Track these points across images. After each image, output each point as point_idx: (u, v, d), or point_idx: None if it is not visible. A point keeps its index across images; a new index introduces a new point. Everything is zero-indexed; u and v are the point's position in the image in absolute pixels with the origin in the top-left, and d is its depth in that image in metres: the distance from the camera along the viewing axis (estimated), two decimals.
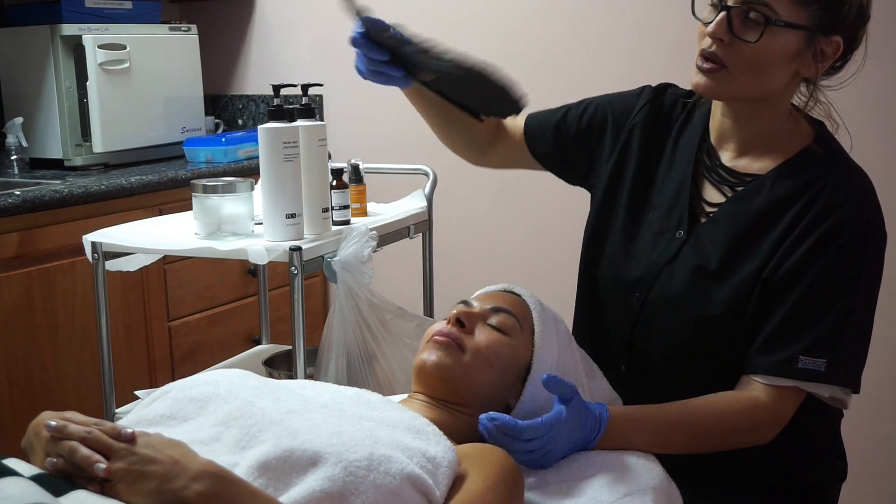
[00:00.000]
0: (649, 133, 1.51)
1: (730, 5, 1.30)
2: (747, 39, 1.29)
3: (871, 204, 1.35)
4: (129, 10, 2.91)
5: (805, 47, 1.31)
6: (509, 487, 1.12)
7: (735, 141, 1.42)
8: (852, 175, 1.37)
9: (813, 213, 1.32)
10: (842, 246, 1.30)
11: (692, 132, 1.48)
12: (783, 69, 1.33)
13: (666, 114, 1.52)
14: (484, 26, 2.87)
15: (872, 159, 1.57)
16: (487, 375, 1.27)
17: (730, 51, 1.31)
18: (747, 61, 1.31)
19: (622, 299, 1.46)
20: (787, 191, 1.35)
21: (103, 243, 1.72)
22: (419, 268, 2.06)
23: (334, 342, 1.64)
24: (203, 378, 1.17)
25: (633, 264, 1.46)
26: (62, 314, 2.36)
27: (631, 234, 1.48)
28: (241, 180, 1.72)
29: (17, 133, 2.72)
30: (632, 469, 1.25)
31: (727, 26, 1.30)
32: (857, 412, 1.49)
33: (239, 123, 3.40)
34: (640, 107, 1.53)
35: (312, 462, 0.99)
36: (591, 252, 1.54)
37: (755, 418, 1.32)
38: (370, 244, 1.65)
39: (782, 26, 1.28)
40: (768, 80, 1.33)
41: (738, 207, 1.38)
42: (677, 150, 1.48)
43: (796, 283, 1.31)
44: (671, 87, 1.56)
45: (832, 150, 1.39)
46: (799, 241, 1.31)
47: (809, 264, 1.30)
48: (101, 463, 0.90)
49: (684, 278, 1.39)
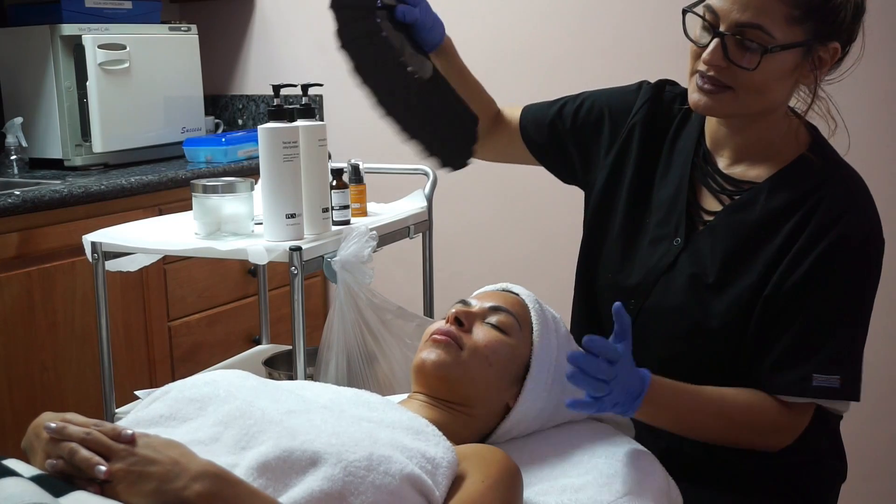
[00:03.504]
0: (649, 133, 1.49)
1: (723, 32, 1.27)
2: (745, 66, 1.27)
3: (869, 212, 1.34)
4: (129, 10, 2.91)
5: (802, 60, 1.30)
6: (508, 487, 1.12)
7: (730, 148, 1.41)
8: (849, 183, 1.35)
9: (813, 226, 1.30)
10: (846, 262, 1.29)
11: (689, 135, 1.47)
12: (783, 84, 1.32)
13: (664, 114, 1.50)
14: (484, 27, 2.87)
15: (871, 158, 1.56)
16: (486, 374, 1.27)
17: (728, 74, 1.29)
18: (749, 84, 1.29)
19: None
20: (783, 202, 1.34)
21: (103, 243, 1.72)
22: (419, 268, 2.06)
23: (334, 342, 1.64)
24: (202, 378, 1.17)
25: (630, 271, 1.45)
26: (62, 314, 2.36)
27: (628, 238, 1.47)
28: (241, 180, 1.72)
29: (17, 133, 2.72)
30: (631, 469, 1.25)
31: (723, 53, 1.28)
32: (857, 413, 1.49)
33: (239, 123, 3.40)
34: (640, 105, 1.51)
35: (312, 462, 0.99)
36: (588, 255, 1.53)
37: (778, 422, 1.31)
38: (370, 244, 1.65)
39: (779, 51, 1.26)
40: (770, 97, 1.32)
41: (735, 217, 1.37)
42: (674, 152, 1.47)
43: (803, 302, 1.29)
44: (669, 85, 1.53)
45: (827, 157, 1.37)
46: (801, 257, 1.30)
47: (815, 281, 1.29)
48: (102, 465, 0.90)
49: (681, 288, 1.38)
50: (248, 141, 2.94)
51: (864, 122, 2.29)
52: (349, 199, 1.78)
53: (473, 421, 1.28)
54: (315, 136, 1.66)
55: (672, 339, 1.39)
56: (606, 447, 1.32)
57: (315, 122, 1.67)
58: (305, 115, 1.67)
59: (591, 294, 1.53)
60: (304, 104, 1.68)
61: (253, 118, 3.37)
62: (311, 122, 1.66)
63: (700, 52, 1.31)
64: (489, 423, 1.31)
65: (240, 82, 3.39)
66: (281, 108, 1.62)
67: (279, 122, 1.61)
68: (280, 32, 3.25)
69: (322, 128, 1.68)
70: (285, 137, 1.60)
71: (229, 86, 3.41)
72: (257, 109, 3.36)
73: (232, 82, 3.40)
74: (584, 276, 1.54)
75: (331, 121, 3.01)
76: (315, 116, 1.69)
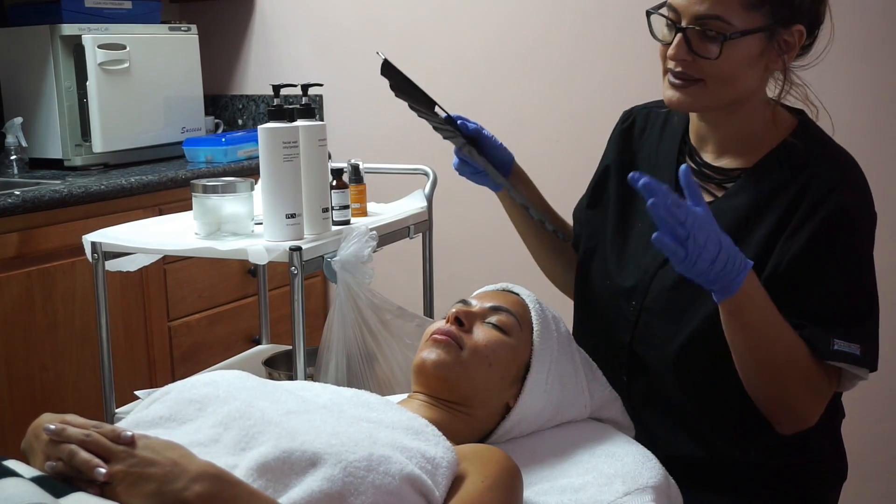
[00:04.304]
0: (622, 153, 1.54)
1: (684, 26, 1.31)
2: (708, 56, 1.30)
3: (861, 185, 1.36)
4: (129, 10, 2.91)
5: (768, 45, 1.32)
6: (508, 487, 1.12)
7: (713, 142, 1.43)
8: (837, 159, 1.37)
9: (806, 203, 1.31)
10: (846, 234, 1.30)
11: (671, 137, 1.49)
12: (752, 71, 1.34)
13: (640, 130, 1.55)
14: (484, 27, 2.87)
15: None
16: (486, 374, 1.27)
17: (696, 66, 1.32)
18: (717, 73, 1.31)
19: (619, 309, 1.46)
20: (773, 184, 1.35)
21: (103, 243, 1.72)
22: (419, 268, 2.06)
23: (334, 342, 1.64)
24: (202, 379, 1.17)
25: (627, 273, 1.46)
26: (62, 314, 2.36)
27: (621, 244, 1.49)
28: (241, 180, 1.72)
29: (17, 133, 2.72)
30: (631, 468, 1.25)
31: (686, 47, 1.31)
32: (857, 413, 1.49)
33: (239, 123, 3.40)
34: (615, 140, 1.57)
35: (311, 463, 0.99)
36: (585, 269, 1.55)
37: (818, 381, 1.29)
38: (370, 244, 1.65)
39: (739, 37, 1.29)
40: (740, 85, 1.34)
41: (725, 205, 1.38)
42: (659, 156, 1.49)
43: (808, 279, 1.29)
44: (635, 108, 1.59)
45: (814, 137, 1.39)
46: (798, 234, 1.30)
47: (816, 258, 1.29)
48: (101, 467, 0.90)
49: (677, 280, 1.38)
50: (248, 141, 2.94)
51: (866, 122, 2.29)
52: (349, 199, 1.78)
53: (473, 421, 1.28)
54: (315, 136, 1.66)
55: (675, 333, 1.39)
56: (606, 447, 1.32)
57: (315, 122, 1.67)
58: (305, 115, 1.67)
59: (591, 306, 1.53)
60: (304, 104, 1.68)
61: (253, 118, 3.37)
62: (311, 122, 1.66)
63: (667, 49, 1.34)
64: (489, 423, 1.31)
65: (240, 82, 3.39)
66: (281, 108, 1.62)
67: (279, 122, 1.61)
68: (280, 32, 3.25)
69: (322, 128, 1.68)
70: (285, 137, 1.60)
71: (229, 86, 3.41)
72: (257, 109, 3.36)
73: (232, 82, 3.40)
74: (583, 288, 1.56)
75: (331, 121, 3.01)
76: (315, 116, 1.69)
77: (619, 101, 1.70)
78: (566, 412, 1.36)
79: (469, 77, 2.89)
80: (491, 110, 2.84)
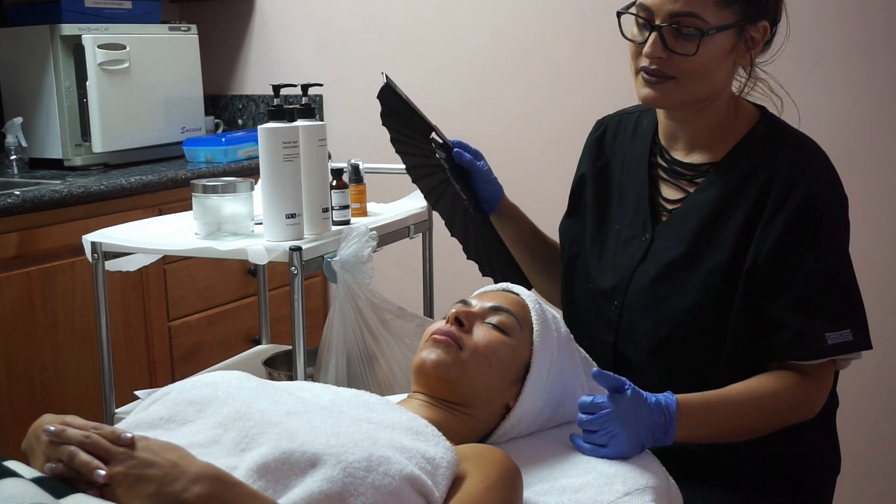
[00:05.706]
0: (596, 160, 1.58)
1: (659, 24, 1.33)
2: (685, 53, 1.33)
3: (827, 168, 1.39)
4: (129, 9, 2.91)
5: (737, 41, 1.36)
6: (508, 487, 1.12)
7: (683, 140, 1.46)
8: (802, 146, 1.40)
9: (775, 194, 1.34)
10: (818, 220, 1.33)
11: (642, 139, 1.52)
12: (723, 66, 1.37)
13: (612, 137, 1.58)
14: (485, 26, 2.87)
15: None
16: (486, 374, 1.27)
17: (670, 64, 1.35)
18: (691, 70, 1.34)
19: (601, 311, 1.49)
20: (741, 175, 1.38)
21: (103, 243, 1.72)
22: (419, 268, 2.06)
23: (334, 342, 1.65)
24: (202, 380, 1.17)
25: (607, 275, 1.49)
26: (62, 314, 2.36)
27: (600, 247, 1.52)
28: (241, 180, 1.72)
29: (17, 133, 2.72)
30: (631, 468, 1.25)
31: (662, 45, 1.34)
32: (856, 412, 1.49)
33: (239, 123, 3.40)
34: (589, 149, 1.61)
35: (311, 464, 0.99)
36: (569, 275, 1.58)
37: (807, 393, 1.34)
38: (370, 244, 1.65)
39: (714, 33, 1.32)
40: (712, 81, 1.37)
41: (697, 200, 1.41)
42: (632, 159, 1.52)
43: (788, 267, 1.32)
44: (607, 117, 1.62)
45: (777, 127, 1.43)
46: (772, 224, 1.34)
47: (792, 245, 1.32)
48: (101, 469, 0.89)
49: (655, 276, 1.42)
50: (248, 141, 2.94)
51: (867, 121, 2.29)
52: (349, 199, 1.78)
53: (473, 421, 1.28)
54: (315, 136, 1.66)
55: (655, 327, 1.41)
56: None
57: (315, 122, 1.67)
58: (305, 115, 1.67)
59: (576, 310, 1.57)
60: (304, 104, 1.68)
61: (253, 118, 3.37)
62: (311, 122, 1.66)
63: (639, 49, 1.37)
64: (489, 424, 1.31)
65: (240, 82, 3.39)
66: (281, 108, 1.62)
67: (279, 122, 1.61)
68: (280, 32, 3.25)
69: (322, 128, 1.68)
70: (285, 137, 1.60)
71: (229, 86, 3.41)
72: (257, 109, 3.36)
73: (232, 82, 3.40)
74: (568, 294, 1.59)
75: (331, 121, 3.01)
76: (315, 116, 1.69)
77: (619, 102, 1.70)
78: (566, 412, 1.36)
79: (469, 77, 2.89)
80: (491, 110, 2.84)
